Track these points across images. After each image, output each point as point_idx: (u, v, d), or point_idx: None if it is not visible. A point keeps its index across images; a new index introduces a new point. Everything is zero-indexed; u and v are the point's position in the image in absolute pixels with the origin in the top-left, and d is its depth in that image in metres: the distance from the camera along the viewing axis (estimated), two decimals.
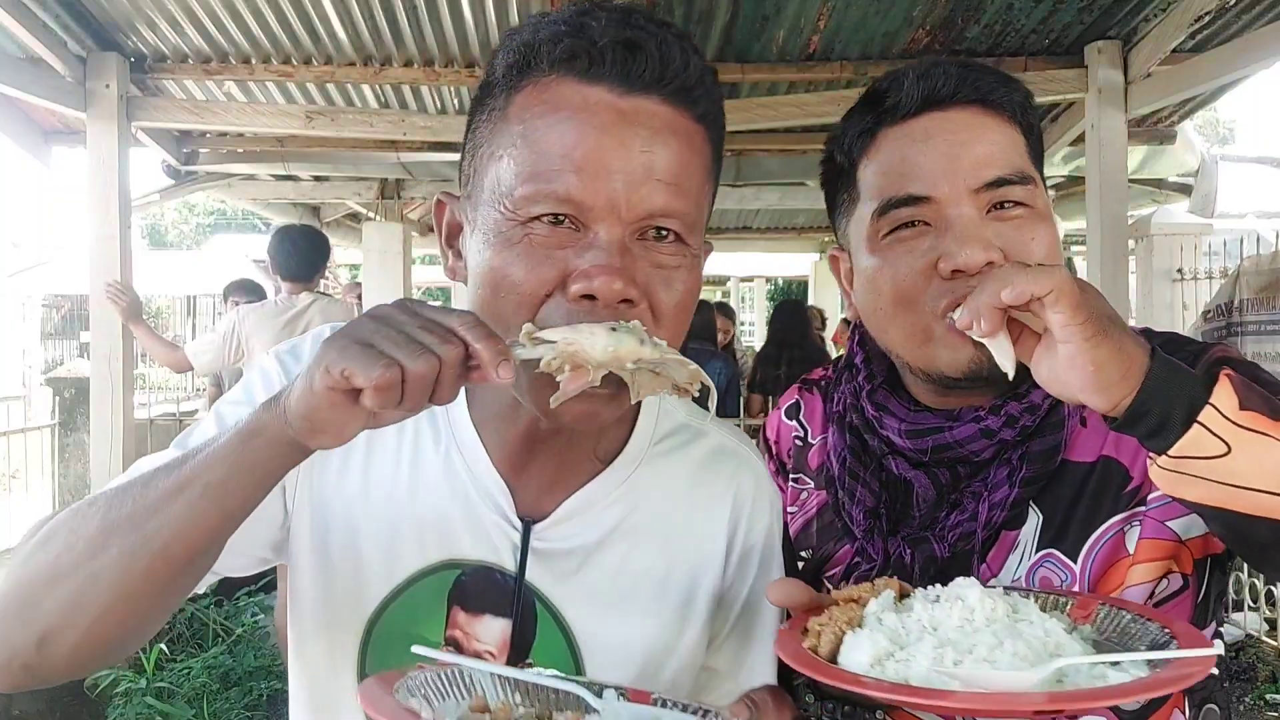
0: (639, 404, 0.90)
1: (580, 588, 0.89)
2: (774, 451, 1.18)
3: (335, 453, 0.86)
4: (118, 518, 0.72)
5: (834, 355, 7.39)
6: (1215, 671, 0.80)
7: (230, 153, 6.03)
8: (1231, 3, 4.09)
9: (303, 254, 4.30)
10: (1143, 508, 0.90)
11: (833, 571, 1.06)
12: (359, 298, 7.26)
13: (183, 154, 5.88)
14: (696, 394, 0.77)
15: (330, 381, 0.63)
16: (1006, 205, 0.92)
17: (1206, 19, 4.13)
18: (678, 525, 0.93)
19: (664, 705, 0.79)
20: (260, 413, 0.69)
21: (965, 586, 0.78)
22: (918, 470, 0.98)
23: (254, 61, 4.76)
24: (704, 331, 6.16)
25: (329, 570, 0.89)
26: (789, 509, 1.11)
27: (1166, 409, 0.71)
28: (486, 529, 0.88)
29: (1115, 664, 0.72)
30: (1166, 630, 0.75)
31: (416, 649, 0.77)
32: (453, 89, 5.09)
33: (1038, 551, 0.93)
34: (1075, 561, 0.92)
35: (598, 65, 0.76)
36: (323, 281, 4.70)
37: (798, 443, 1.14)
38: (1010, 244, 0.90)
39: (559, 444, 0.88)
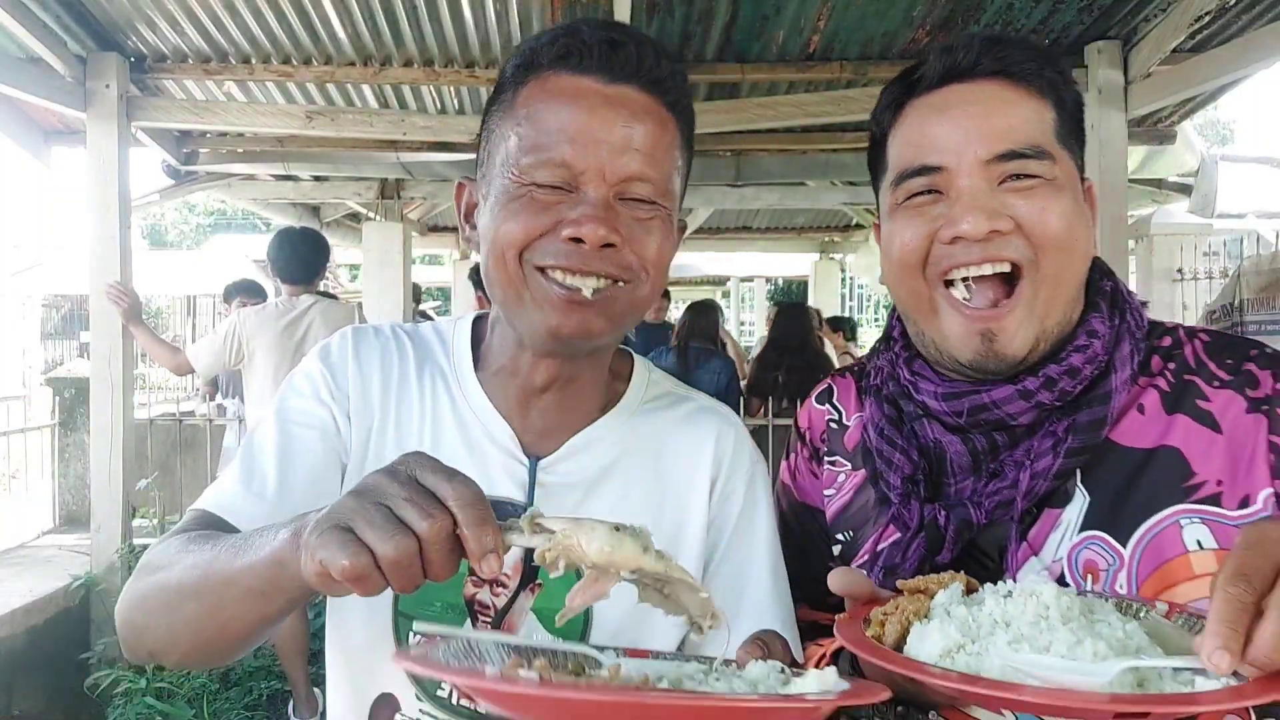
0: (632, 368, 1.09)
1: (583, 515, 0.92)
2: (807, 439, 1.16)
3: (373, 439, 1.01)
4: (188, 583, 0.81)
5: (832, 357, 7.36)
6: None
7: (230, 153, 6.03)
8: (1231, 3, 4.09)
9: (301, 257, 4.29)
10: (1217, 509, 0.87)
11: (865, 558, 1.03)
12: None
13: (183, 154, 5.88)
14: (706, 628, 0.76)
15: (315, 568, 0.66)
16: (1020, 177, 0.91)
17: (1206, 19, 4.14)
18: (667, 465, 1.04)
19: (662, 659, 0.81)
20: (285, 545, 0.72)
21: (1039, 582, 0.76)
22: (953, 435, 0.96)
23: (254, 61, 4.76)
24: (708, 331, 6.16)
25: None
26: (826, 492, 1.11)
27: None
28: (499, 468, 1.00)
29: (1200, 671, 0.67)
30: None
31: (419, 626, 0.82)
32: (452, 89, 5.09)
33: (1081, 532, 0.91)
34: (1125, 546, 0.89)
35: (587, 59, 0.91)
36: (323, 282, 4.69)
37: (832, 425, 1.13)
38: (1021, 214, 0.90)
39: (555, 391, 1.01)
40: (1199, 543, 0.87)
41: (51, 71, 4.27)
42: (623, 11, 3.83)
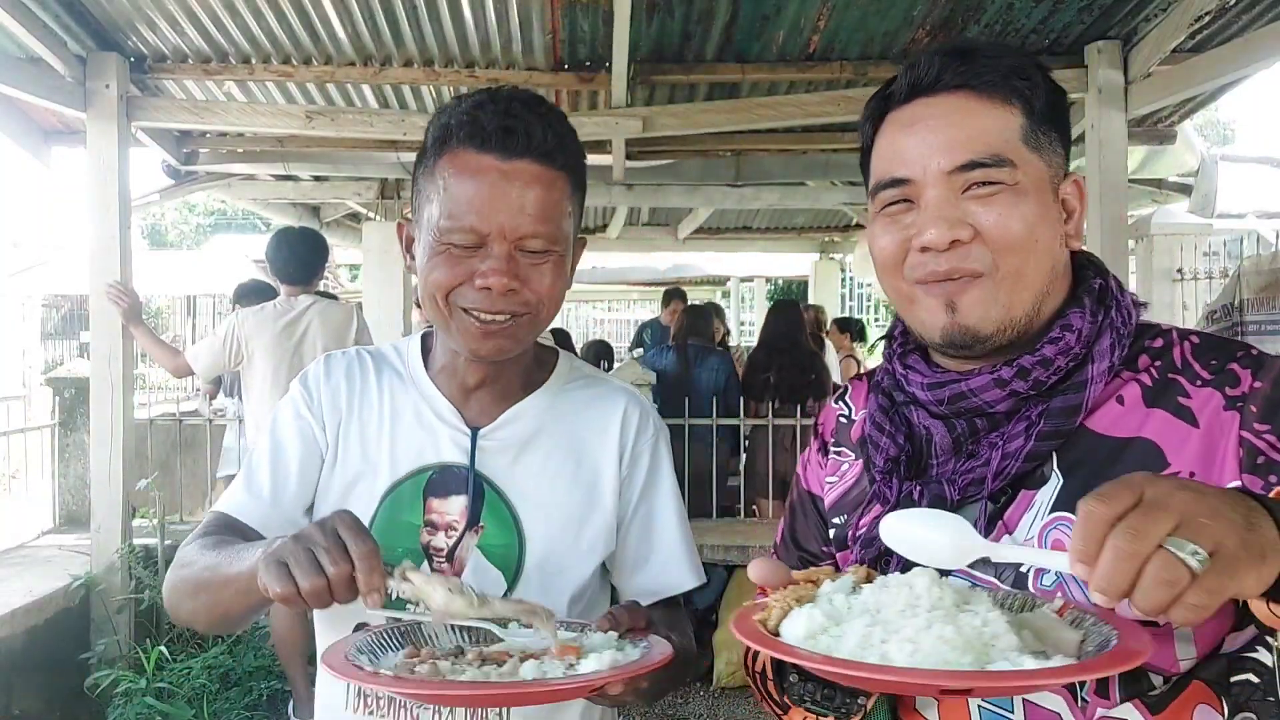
0: (557, 356, 1.36)
1: (515, 472, 1.27)
2: (819, 433, 1.23)
3: (342, 430, 1.29)
4: (201, 579, 1.11)
5: (833, 358, 7.32)
6: (1255, 679, 0.88)
7: (230, 153, 6.03)
8: (1231, 3, 4.09)
9: (299, 257, 4.28)
10: None
11: (852, 536, 1.10)
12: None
13: (183, 154, 5.88)
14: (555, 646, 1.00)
15: (260, 586, 0.93)
16: (983, 185, 0.96)
17: (1206, 19, 4.14)
18: (583, 432, 1.31)
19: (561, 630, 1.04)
20: (259, 555, 0.97)
21: (918, 575, 0.83)
22: (937, 420, 1.02)
23: (254, 61, 4.76)
24: (705, 330, 6.20)
25: (345, 496, 1.28)
26: (828, 479, 1.18)
27: None
28: (446, 439, 1.27)
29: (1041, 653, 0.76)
30: (1115, 632, 0.78)
31: (371, 613, 1.00)
32: (452, 89, 5.09)
33: (1052, 512, 0.95)
34: None
35: (487, 142, 1.13)
36: (323, 283, 4.68)
37: (841, 420, 1.21)
38: (980, 221, 0.96)
39: (486, 386, 1.28)
40: None
41: (51, 71, 4.27)
42: (623, 12, 3.84)
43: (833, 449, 1.19)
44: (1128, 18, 4.23)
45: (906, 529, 0.84)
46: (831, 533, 1.15)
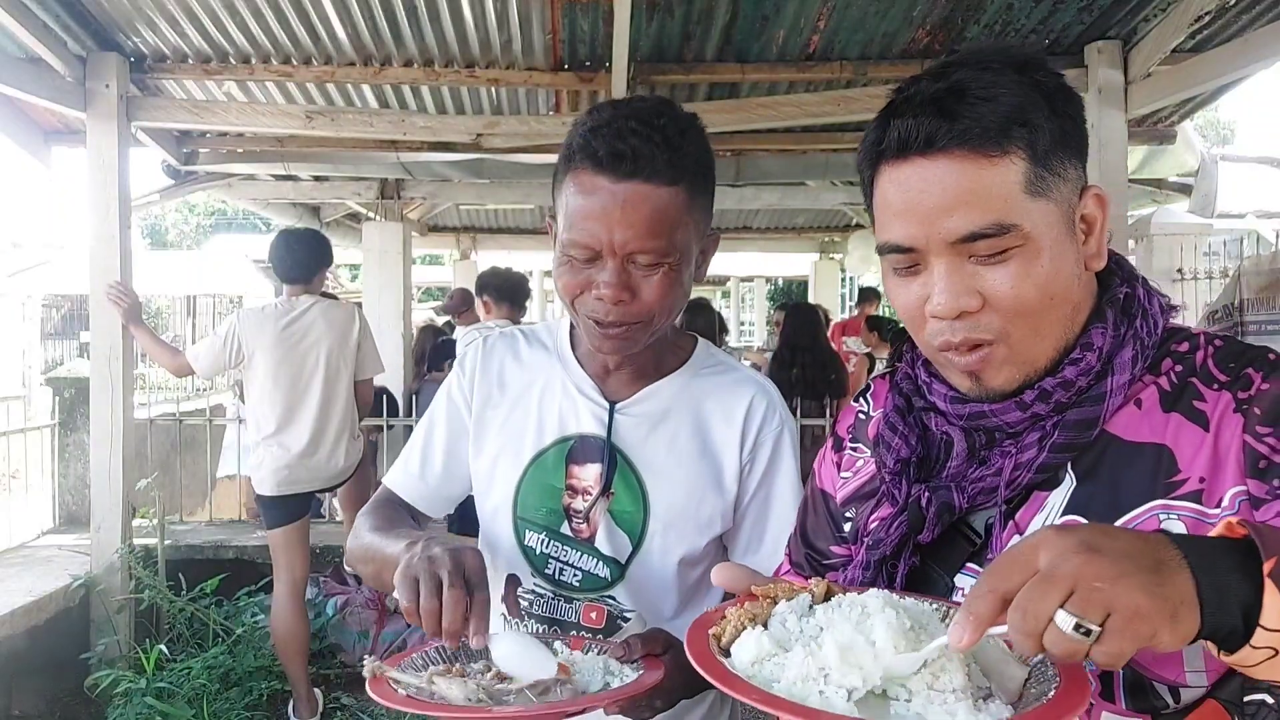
0: (695, 343, 1.47)
1: (646, 446, 1.38)
2: (835, 431, 1.23)
3: (489, 406, 1.45)
4: (367, 553, 1.32)
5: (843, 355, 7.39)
6: (1270, 700, 0.85)
7: (230, 153, 6.03)
8: (1231, 3, 4.09)
9: (297, 257, 4.26)
10: (1196, 506, 0.88)
11: (865, 534, 1.10)
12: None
13: (183, 154, 5.88)
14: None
15: (394, 587, 1.10)
16: (991, 255, 0.91)
17: (1206, 19, 4.14)
18: (710, 417, 1.41)
19: (589, 652, 1.14)
20: (397, 556, 1.14)
21: (872, 595, 0.83)
22: (955, 428, 1.02)
23: (254, 61, 4.76)
24: (708, 331, 6.24)
25: (495, 461, 1.44)
26: (842, 475, 1.19)
27: (1231, 621, 0.69)
28: (586, 410, 1.40)
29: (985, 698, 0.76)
30: (1057, 680, 0.75)
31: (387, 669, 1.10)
32: (452, 89, 5.09)
33: (1063, 515, 0.94)
34: None
35: (600, 165, 1.22)
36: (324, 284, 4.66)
37: (860, 417, 1.20)
38: (988, 288, 0.92)
39: (624, 363, 1.39)
40: None
41: (51, 71, 4.27)
42: (623, 12, 3.83)
43: (849, 445, 1.19)
44: (1127, 18, 4.23)
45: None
46: (846, 527, 1.14)
